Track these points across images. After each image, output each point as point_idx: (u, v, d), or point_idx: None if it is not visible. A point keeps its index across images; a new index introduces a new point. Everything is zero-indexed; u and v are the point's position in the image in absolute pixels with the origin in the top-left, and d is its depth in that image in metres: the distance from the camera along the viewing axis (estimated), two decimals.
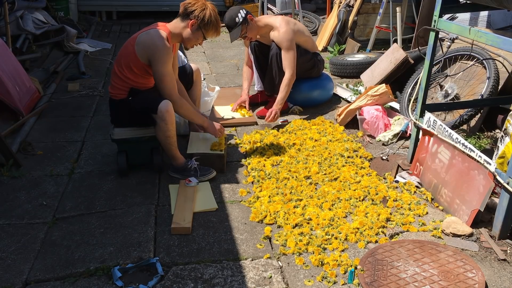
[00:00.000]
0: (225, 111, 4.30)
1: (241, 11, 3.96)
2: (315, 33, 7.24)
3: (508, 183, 2.41)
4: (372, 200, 2.92)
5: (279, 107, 4.07)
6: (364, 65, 5.04)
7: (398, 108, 4.15)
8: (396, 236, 2.61)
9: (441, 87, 3.83)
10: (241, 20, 3.94)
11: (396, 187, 3.08)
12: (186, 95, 3.41)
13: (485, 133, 3.75)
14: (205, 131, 3.37)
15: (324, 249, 2.48)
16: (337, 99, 4.64)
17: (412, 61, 4.46)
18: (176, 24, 3.10)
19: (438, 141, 2.97)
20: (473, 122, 3.78)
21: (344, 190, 3.02)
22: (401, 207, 2.85)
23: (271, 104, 4.29)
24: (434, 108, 3.46)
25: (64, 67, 5.77)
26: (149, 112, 3.01)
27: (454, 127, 3.65)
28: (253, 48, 4.27)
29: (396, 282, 2.22)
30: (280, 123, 4.06)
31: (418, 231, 2.64)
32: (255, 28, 4.07)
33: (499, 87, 3.62)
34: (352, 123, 4.00)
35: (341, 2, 6.52)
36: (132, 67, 3.04)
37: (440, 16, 2.86)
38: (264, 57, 4.22)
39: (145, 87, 3.17)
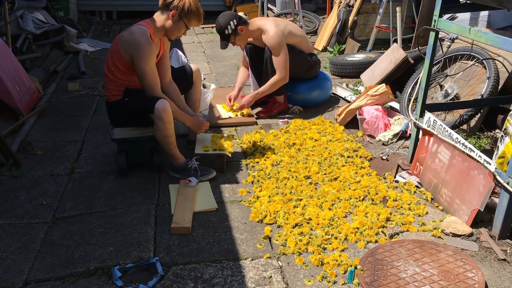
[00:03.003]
0: (224, 110, 4.31)
1: (231, 22, 3.96)
2: (315, 33, 7.24)
3: (508, 183, 2.41)
4: (372, 200, 2.92)
5: (254, 97, 4.14)
6: (364, 65, 5.04)
7: (398, 108, 4.15)
8: (396, 236, 2.61)
9: (441, 87, 3.83)
10: (230, 32, 3.98)
11: (396, 187, 3.08)
12: (179, 95, 3.36)
13: (485, 133, 3.75)
14: (191, 127, 3.32)
15: (324, 249, 2.49)
16: (337, 99, 4.64)
17: (412, 61, 4.46)
18: (157, 18, 3.08)
19: (438, 141, 2.97)
20: (473, 122, 3.78)
21: (344, 190, 3.02)
22: (401, 207, 2.85)
23: (270, 105, 4.29)
24: (434, 108, 3.46)
25: (64, 67, 5.78)
26: (146, 112, 3.00)
27: (454, 127, 3.65)
28: (248, 51, 4.29)
29: (396, 282, 2.22)
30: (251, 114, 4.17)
31: (418, 231, 2.64)
32: (245, 36, 4.09)
33: (499, 87, 3.62)
34: (352, 123, 4.00)
35: (341, 2, 6.52)
36: (118, 66, 3.02)
37: (440, 16, 2.86)
38: (260, 59, 4.22)
39: (139, 86, 3.13)
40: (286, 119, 4.13)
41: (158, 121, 3.00)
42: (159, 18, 3.07)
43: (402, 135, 3.75)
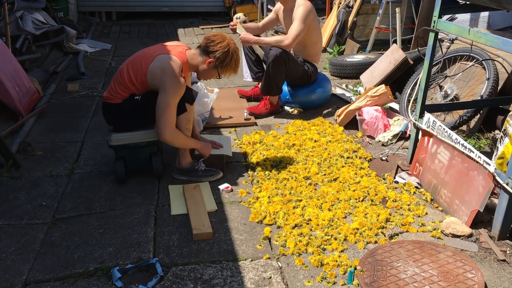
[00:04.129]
0: (223, 108, 4.35)
1: None
2: None
3: (507, 184, 2.41)
4: (372, 201, 2.92)
5: (255, 40, 4.13)
6: (364, 66, 5.04)
7: (398, 109, 4.15)
8: (396, 236, 2.61)
9: (441, 87, 3.83)
10: None
11: (396, 188, 3.08)
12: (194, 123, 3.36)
13: (485, 133, 3.75)
14: (200, 150, 3.23)
15: (324, 249, 2.49)
16: (336, 100, 4.64)
17: (411, 62, 4.46)
18: (194, 56, 3.02)
19: (437, 142, 2.98)
20: (472, 123, 3.78)
21: (343, 190, 3.02)
22: (401, 208, 2.85)
23: (262, 104, 4.31)
24: (434, 108, 3.46)
25: (63, 68, 5.78)
26: (187, 101, 3.01)
27: (454, 127, 3.66)
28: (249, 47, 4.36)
29: (396, 283, 2.22)
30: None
31: (417, 231, 2.64)
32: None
33: (499, 87, 3.62)
34: (352, 123, 4.00)
35: (340, 3, 6.53)
36: (138, 83, 2.97)
37: (440, 16, 2.87)
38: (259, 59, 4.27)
39: (140, 93, 3.06)
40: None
41: (190, 107, 3.04)
42: (196, 58, 3.02)
43: (402, 136, 3.75)
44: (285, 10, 4.28)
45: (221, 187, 3.09)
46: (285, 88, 4.36)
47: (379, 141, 3.74)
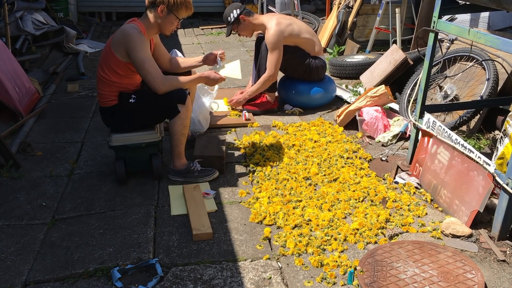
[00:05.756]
0: (220, 105, 4.39)
1: (235, 10, 4.12)
2: None
3: (507, 184, 2.41)
4: (372, 201, 2.92)
5: (245, 97, 4.24)
6: (364, 66, 5.04)
7: (398, 109, 4.15)
8: (396, 237, 2.61)
9: (441, 88, 3.83)
10: (232, 19, 4.13)
11: (396, 188, 3.08)
12: (183, 62, 3.40)
13: (485, 134, 3.75)
14: (207, 84, 3.25)
15: (324, 250, 2.49)
16: (336, 100, 4.64)
17: (411, 62, 4.46)
18: (146, 17, 3.06)
19: (437, 142, 2.98)
20: (472, 123, 3.78)
21: (343, 191, 3.02)
22: (401, 208, 2.85)
23: (259, 101, 4.32)
24: (434, 109, 3.46)
25: (63, 68, 5.78)
26: (176, 103, 3.00)
27: (454, 128, 3.66)
28: (258, 40, 4.37)
29: (396, 283, 2.22)
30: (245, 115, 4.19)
31: (417, 232, 2.64)
32: (249, 27, 4.21)
33: (498, 88, 3.62)
34: (352, 124, 4.00)
35: (340, 3, 6.53)
36: (115, 69, 2.98)
37: (440, 17, 2.87)
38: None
39: (132, 88, 3.10)
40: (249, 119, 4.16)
41: (184, 108, 3.02)
42: (149, 16, 3.05)
43: (402, 136, 3.75)
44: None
45: (203, 191, 3.05)
46: (289, 83, 4.39)
47: (379, 141, 3.74)
